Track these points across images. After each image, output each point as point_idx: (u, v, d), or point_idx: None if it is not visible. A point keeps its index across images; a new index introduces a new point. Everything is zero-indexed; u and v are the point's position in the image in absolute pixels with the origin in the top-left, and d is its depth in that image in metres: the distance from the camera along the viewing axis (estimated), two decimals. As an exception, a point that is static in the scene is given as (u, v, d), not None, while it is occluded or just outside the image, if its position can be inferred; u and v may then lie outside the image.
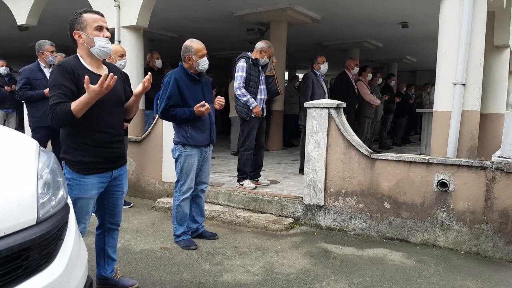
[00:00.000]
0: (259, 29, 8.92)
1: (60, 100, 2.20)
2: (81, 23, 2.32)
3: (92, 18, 2.33)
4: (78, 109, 2.19)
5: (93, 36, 2.32)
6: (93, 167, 2.37)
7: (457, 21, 4.11)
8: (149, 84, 2.48)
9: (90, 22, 2.32)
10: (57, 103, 2.20)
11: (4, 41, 12.21)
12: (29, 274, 1.40)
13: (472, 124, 4.21)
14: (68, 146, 2.36)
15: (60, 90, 2.22)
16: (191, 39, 3.53)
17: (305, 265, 3.29)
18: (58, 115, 2.19)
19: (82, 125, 2.31)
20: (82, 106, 2.19)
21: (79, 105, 2.18)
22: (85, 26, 2.32)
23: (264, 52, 4.82)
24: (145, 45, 7.68)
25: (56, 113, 2.20)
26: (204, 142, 3.55)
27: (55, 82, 2.24)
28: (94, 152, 2.36)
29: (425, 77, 16.27)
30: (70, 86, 2.24)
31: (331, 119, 4.17)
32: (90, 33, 2.32)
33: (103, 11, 2.47)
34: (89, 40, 2.32)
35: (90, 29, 2.32)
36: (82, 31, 2.32)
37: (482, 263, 3.44)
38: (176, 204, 3.59)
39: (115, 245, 2.78)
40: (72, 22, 2.33)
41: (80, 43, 2.34)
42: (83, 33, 2.32)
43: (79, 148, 2.34)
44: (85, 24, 2.32)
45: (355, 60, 6.87)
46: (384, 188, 3.97)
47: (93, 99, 2.18)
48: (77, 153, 2.34)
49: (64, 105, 2.19)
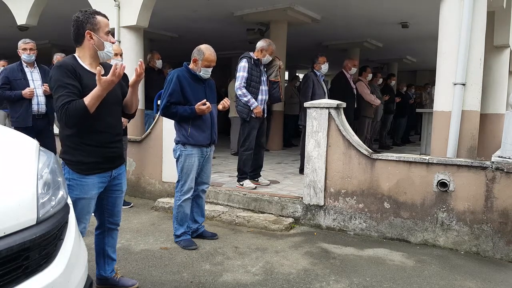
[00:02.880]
0: (259, 29, 8.92)
1: (70, 98, 2.20)
2: (95, 24, 2.34)
3: (105, 22, 2.39)
4: (92, 103, 2.20)
5: (104, 40, 2.36)
6: (93, 167, 2.38)
7: (457, 21, 4.11)
8: (142, 70, 2.44)
9: (103, 25, 2.37)
10: (69, 101, 2.19)
11: (4, 41, 12.20)
12: (29, 274, 1.40)
13: (472, 124, 4.22)
14: (68, 146, 2.36)
15: (68, 89, 2.22)
16: (208, 46, 3.53)
17: (305, 265, 3.29)
18: (72, 113, 2.19)
19: (82, 125, 2.31)
20: (96, 99, 2.20)
21: (92, 99, 2.19)
22: (98, 29, 2.35)
23: (265, 50, 4.82)
24: (145, 45, 7.68)
25: (70, 111, 2.19)
26: (205, 141, 3.55)
27: (60, 83, 2.23)
28: (94, 152, 2.37)
29: (425, 77, 16.26)
30: (75, 84, 2.25)
31: (331, 119, 4.17)
32: (102, 36, 2.36)
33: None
34: (100, 43, 2.36)
35: (102, 32, 2.36)
36: (94, 33, 2.34)
37: (482, 263, 3.44)
38: (178, 204, 3.59)
39: (114, 245, 2.78)
40: (84, 21, 2.33)
41: (89, 43, 2.35)
42: (95, 35, 2.34)
43: (78, 148, 2.34)
44: (99, 27, 2.35)
45: (352, 60, 6.86)
46: (384, 188, 3.97)
47: (105, 90, 2.20)
48: (77, 153, 2.35)
49: (76, 102, 2.19)
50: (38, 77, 4.89)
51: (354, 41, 11.08)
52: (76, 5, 3.73)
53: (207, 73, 3.52)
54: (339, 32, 10.09)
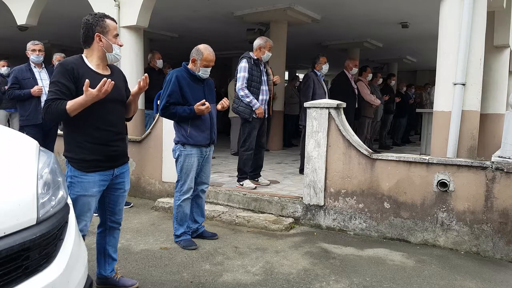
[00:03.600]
0: (259, 29, 8.92)
1: (56, 96, 2.28)
2: (104, 27, 2.42)
3: (113, 25, 2.47)
4: (72, 109, 2.26)
5: (112, 43, 2.44)
6: (95, 165, 2.41)
7: (457, 21, 4.11)
8: (145, 84, 2.53)
9: (112, 29, 2.45)
10: (53, 99, 2.27)
11: (4, 41, 12.21)
12: (29, 274, 1.40)
13: (472, 124, 4.21)
14: (70, 144, 2.41)
15: (57, 87, 2.29)
16: (206, 46, 3.53)
17: (305, 265, 3.29)
18: (52, 111, 2.27)
19: (84, 123, 2.36)
20: (77, 106, 2.26)
21: (74, 105, 2.25)
22: (107, 32, 2.43)
23: (263, 47, 4.81)
24: (145, 45, 7.67)
25: (51, 109, 2.27)
26: (204, 141, 3.55)
27: (54, 79, 2.33)
28: (95, 150, 2.41)
29: (425, 77, 16.27)
30: (67, 84, 2.30)
31: (331, 119, 4.17)
32: (111, 39, 2.45)
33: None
34: (108, 45, 2.43)
35: (110, 35, 2.45)
36: (103, 35, 2.41)
37: (482, 263, 3.44)
38: (177, 205, 3.59)
39: (116, 245, 2.79)
40: (93, 23, 2.40)
41: (98, 45, 2.42)
42: (104, 38, 2.41)
43: (81, 146, 2.39)
44: (108, 30, 2.43)
45: (354, 61, 6.86)
46: (384, 188, 3.97)
47: (89, 102, 2.25)
48: (79, 151, 2.39)
49: (60, 102, 2.26)
50: (46, 77, 5.13)
51: (354, 41, 11.09)
52: (76, 5, 3.73)
53: (206, 73, 3.52)
54: (339, 32, 10.09)
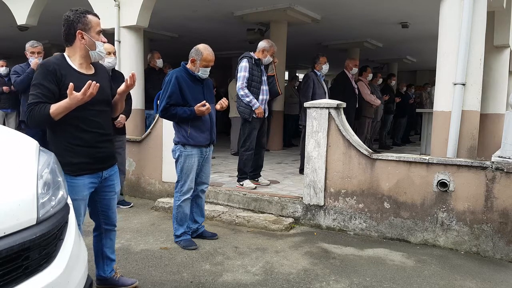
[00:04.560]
0: (259, 29, 8.91)
1: (38, 100, 2.18)
2: (86, 23, 2.30)
3: (96, 21, 2.35)
4: (56, 113, 2.17)
5: (95, 40, 2.33)
6: (83, 167, 2.34)
7: (457, 21, 4.11)
8: (132, 82, 2.44)
9: (94, 25, 2.34)
10: (36, 103, 2.17)
11: (4, 41, 12.21)
12: (29, 274, 1.40)
13: (472, 124, 4.21)
14: (57, 147, 2.30)
15: (40, 90, 2.19)
16: (206, 46, 3.51)
17: (305, 265, 3.29)
18: (35, 116, 2.17)
19: (69, 126, 2.28)
20: (61, 110, 2.17)
21: (58, 109, 2.17)
22: (90, 28, 2.32)
23: (267, 51, 4.82)
24: (145, 45, 7.68)
25: (34, 114, 2.17)
26: (204, 142, 3.55)
27: (36, 81, 2.22)
28: (82, 152, 2.33)
29: (425, 77, 16.26)
30: (49, 87, 2.20)
31: (331, 119, 4.17)
32: (93, 36, 2.33)
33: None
34: (91, 43, 2.32)
35: (93, 32, 2.33)
36: (85, 32, 2.30)
37: (482, 263, 3.44)
38: (177, 205, 3.59)
39: (113, 246, 2.76)
40: (75, 20, 2.29)
41: (80, 43, 2.31)
42: (87, 35, 2.31)
43: (67, 149, 2.30)
44: (90, 26, 2.32)
45: (354, 61, 6.86)
46: (384, 188, 3.97)
47: (73, 105, 2.16)
48: (66, 154, 2.29)
49: (42, 106, 2.17)
50: None
51: (354, 41, 11.08)
52: (76, 5, 3.72)
53: (206, 73, 3.51)
54: (339, 32, 10.08)
